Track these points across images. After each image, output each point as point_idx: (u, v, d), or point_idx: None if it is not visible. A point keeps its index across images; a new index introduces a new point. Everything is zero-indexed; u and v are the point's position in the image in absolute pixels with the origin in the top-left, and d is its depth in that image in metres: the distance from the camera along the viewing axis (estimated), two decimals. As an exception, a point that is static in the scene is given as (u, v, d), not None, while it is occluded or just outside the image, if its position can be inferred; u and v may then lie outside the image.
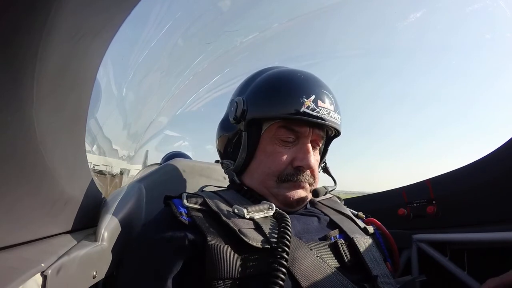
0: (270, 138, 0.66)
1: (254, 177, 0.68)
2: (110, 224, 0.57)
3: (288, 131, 0.64)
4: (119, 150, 3.78)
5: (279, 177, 0.65)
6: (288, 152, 0.65)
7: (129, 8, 0.43)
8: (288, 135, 0.65)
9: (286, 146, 0.65)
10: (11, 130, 0.32)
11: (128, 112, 3.28)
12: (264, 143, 0.66)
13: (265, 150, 0.66)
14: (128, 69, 2.78)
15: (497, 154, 0.97)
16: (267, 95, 0.66)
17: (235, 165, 0.69)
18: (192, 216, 0.55)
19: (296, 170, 0.65)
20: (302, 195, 0.66)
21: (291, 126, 0.64)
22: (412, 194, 1.16)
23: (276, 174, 0.65)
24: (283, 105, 0.63)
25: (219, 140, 0.78)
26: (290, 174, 0.64)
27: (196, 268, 0.51)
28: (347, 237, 0.62)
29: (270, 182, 0.65)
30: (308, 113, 0.61)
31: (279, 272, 0.47)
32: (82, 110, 0.49)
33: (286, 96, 0.63)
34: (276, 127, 0.65)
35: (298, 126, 0.64)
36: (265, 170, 0.66)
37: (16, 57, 0.28)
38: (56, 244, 0.46)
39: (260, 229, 0.55)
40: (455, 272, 1.00)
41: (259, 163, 0.67)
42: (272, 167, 0.65)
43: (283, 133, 0.65)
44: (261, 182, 0.67)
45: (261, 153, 0.67)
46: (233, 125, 0.70)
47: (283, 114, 0.62)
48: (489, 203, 0.97)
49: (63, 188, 0.46)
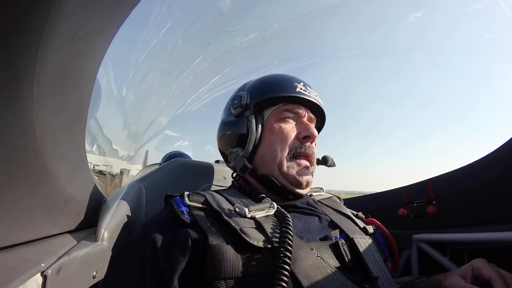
0: (274, 121, 0.72)
1: (265, 159, 0.71)
2: (110, 224, 0.57)
3: (289, 112, 0.72)
4: (119, 150, 3.79)
5: (289, 152, 0.69)
6: (292, 128, 0.72)
7: (129, 8, 0.43)
8: (289, 115, 0.72)
9: (290, 123, 0.72)
10: (11, 130, 0.32)
11: (128, 112, 3.28)
12: (270, 126, 0.72)
13: (272, 131, 0.71)
14: (128, 69, 2.78)
15: (497, 154, 0.97)
16: (266, 84, 0.76)
17: (245, 150, 0.71)
18: (194, 215, 0.55)
19: (302, 142, 0.71)
20: (308, 173, 0.71)
21: (290, 108, 0.73)
22: (412, 194, 1.16)
23: (286, 149, 0.69)
24: (282, 88, 0.72)
25: (221, 140, 0.80)
26: (298, 147, 0.70)
27: (197, 267, 0.50)
28: (347, 237, 0.63)
29: (281, 160, 0.69)
30: (302, 93, 0.72)
31: (284, 270, 0.47)
32: (82, 110, 0.49)
33: (282, 82, 0.74)
34: (277, 111, 0.73)
35: (296, 107, 0.73)
36: (276, 147, 0.70)
37: (16, 57, 0.28)
38: (56, 244, 0.46)
39: (261, 228, 0.55)
40: (455, 272, 1.00)
41: (268, 144, 0.71)
42: (282, 142, 0.69)
43: (285, 115, 0.72)
44: (273, 161, 0.69)
45: (269, 135, 0.71)
46: (236, 120, 0.76)
47: (283, 94, 0.71)
48: (489, 203, 0.97)
49: (63, 188, 0.46)
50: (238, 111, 0.74)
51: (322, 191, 0.84)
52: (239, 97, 0.74)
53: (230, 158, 0.74)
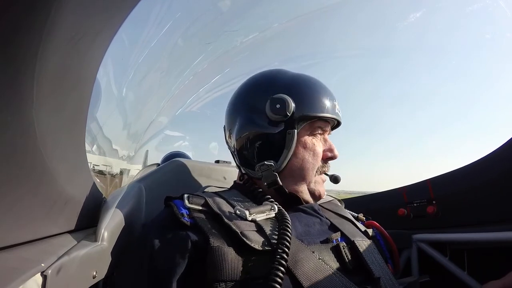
0: (307, 136, 0.69)
1: (294, 174, 0.68)
2: (110, 224, 0.57)
3: (320, 129, 0.71)
4: (119, 150, 3.78)
5: (317, 170, 0.70)
6: (321, 146, 0.71)
7: (129, 8, 0.43)
8: (320, 131, 0.71)
9: (320, 140, 0.72)
10: (11, 130, 0.32)
11: (128, 112, 3.27)
12: (303, 140, 0.69)
13: (306, 147, 0.69)
14: (128, 69, 2.78)
15: (497, 154, 0.97)
16: (314, 97, 0.69)
17: (278, 164, 0.66)
18: (194, 217, 0.55)
19: (325, 162, 0.72)
20: (324, 190, 0.73)
21: (322, 125, 0.71)
22: (412, 194, 1.16)
23: (316, 167, 0.69)
24: (328, 106, 0.69)
25: (241, 139, 0.70)
26: (323, 166, 0.71)
27: (197, 269, 0.50)
28: (348, 240, 0.63)
29: (310, 177, 0.69)
30: (338, 114, 0.71)
31: (278, 271, 0.47)
32: (82, 110, 0.49)
33: (327, 98, 0.70)
34: (312, 126, 0.69)
35: (326, 124, 0.72)
36: (307, 165, 0.68)
37: (16, 57, 0.28)
38: (56, 244, 0.46)
39: (262, 231, 0.55)
40: (455, 272, 1.00)
41: (301, 160, 0.68)
42: (314, 160, 0.69)
43: (317, 130, 0.71)
44: (303, 179, 0.69)
45: (302, 150, 0.68)
46: (271, 127, 0.67)
47: (330, 116, 0.69)
48: (489, 203, 0.97)
49: (63, 188, 0.46)
50: (278, 118, 0.66)
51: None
52: (283, 102, 0.65)
53: (259, 168, 0.67)
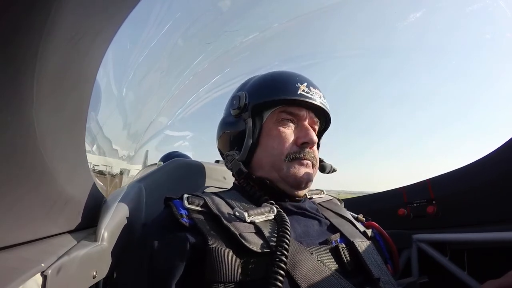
0: (272, 123, 0.70)
1: (262, 164, 0.69)
2: (110, 224, 0.57)
3: (288, 115, 0.69)
4: (119, 150, 3.78)
5: (287, 156, 0.67)
6: (291, 132, 0.69)
7: (129, 8, 0.43)
8: (288, 117, 0.70)
9: (289, 127, 0.69)
10: (11, 130, 0.32)
11: (128, 112, 3.27)
12: (268, 129, 0.70)
13: (270, 134, 0.69)
14: (128, 69, 2.78)
15: (497, 154, 0.97)
16: (266, 85, 0.73)
17: (241, 153, 0.70)
18: (193, 218, 0.55)
19: (301, 147, 0.68)
20: (309, 171, 0.68)
21: (290, 110, 0.69)
22: (412, 194, 1.16)
23: (284, 153, 0.67)
24: (282, 90, 0.69)
25: (220, 139, 0.80)
26: (297, 152, 0.67)
27: (196, 271, 0.50)
28: (347, 241, 0.62)
29: (279, 164, 0.67)
30: (304, 95, 0.68)
31: (278, 274, 0.47)
32: (82, 110, 0.49)
33: (283, 83, 0.70)
34: (277, 113, 0.70)
35: (296, 109, 0.70)
36: (273, 152, 0.68)
37: (16, 57, 0.28)
38: (56, 244, 0.46)
39: (260, 233, 0.55)
40: (455, 272, 1.00)
41: (265, 148, 0.69)
42: (280, 147, 0.67)
43: (284, 116, 0.69)
44: (271, 166, 0.68)
45: (266, 138, 0.70)
46: (235, 120, 0.74)
47: (283, 97, 0.68)
48: (489, 203, 0.97)
49: (63, 188, 0.46)
50: (236, 112, 0.72)
51: (322, 194, 0.84)
52: (238, 98, 0.72)
53: (227, 160, 0.74)
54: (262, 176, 0.69)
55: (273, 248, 0.51)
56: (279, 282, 0.46)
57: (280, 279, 0.46)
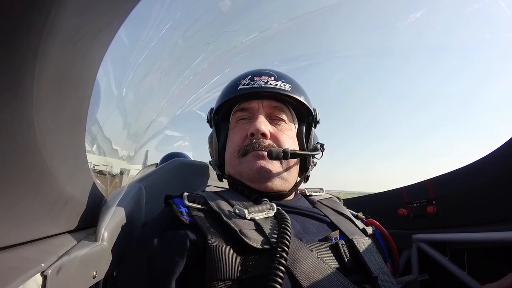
0: (233, 125, 0.75)
1: (227, 164, 0.74)
2: (110, 224, 0.57)
3: (242, 111, 0.73)
4: (119, 150, 3.78)
5: (239, 151, 0.69)
6: (245, 127, 0.71)
7: (129, 8, 0.43)
8: (243, 114, 0.73)
9: (244, 123, 0.72)
10: (11, 130, 0.32)
11: (128, 112, 3.28)
12: (231, 131, 0.75)
13: (230, 136, 0.75)
14: (128, 69, 2.78)
15: (497, 154, 0.97)
16: (220, 94, 0.79)
17: (214, 159, 0.79)
18: (193, 216, 0.55)
19: (251, 139, 0.68)
20: (262, 164, 0.66)
21: (241, 106, 0.73)
22: (412, 194, 1.16)
23: (237, 149, 0.70)
24: (225, 93, 0.75)
25: (208, 146, 0.88)
26: (247, 145, 0.68)
27: (196, 268, 0.50)
28: (347, 239, 0.62)
29: (233, 161, 0.71)
30: (244, 88, 0.71)
31: (278, 271, 0.47)
32: (82, 110, 0.49)
33: (228, 86, 0.76)
34: (234, 114, 0.75)
35: (246, 103, 0.72)
36: (230, 150, 0.72)
37: (16, 57, 0.28)
38: (56, 244, 0.46)
39: (261, 230, 0.55)
40: (455, 272, 1.00)
41: (228, 149, 0.74)
42: (233, 144, 0.71)
43: (239, 115, 0.73)
44: (229, 164, 0.73)
45: (228, 140, 0.75)
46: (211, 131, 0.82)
47: (226, 98, 0.73)
48: (489, 203, 0.97)
49: (63, 188, 0.46)
50: (210, 123, 0.81)
51: (322, 192, 0.84)
52: (210, 110, 0.81)
53: (213, 167, 0.83)
54: (231, 175, 0.73)
55: (274, 244, 0.51)
56: (280, 278, 0.46)
57: (280, 276, 0.46)
